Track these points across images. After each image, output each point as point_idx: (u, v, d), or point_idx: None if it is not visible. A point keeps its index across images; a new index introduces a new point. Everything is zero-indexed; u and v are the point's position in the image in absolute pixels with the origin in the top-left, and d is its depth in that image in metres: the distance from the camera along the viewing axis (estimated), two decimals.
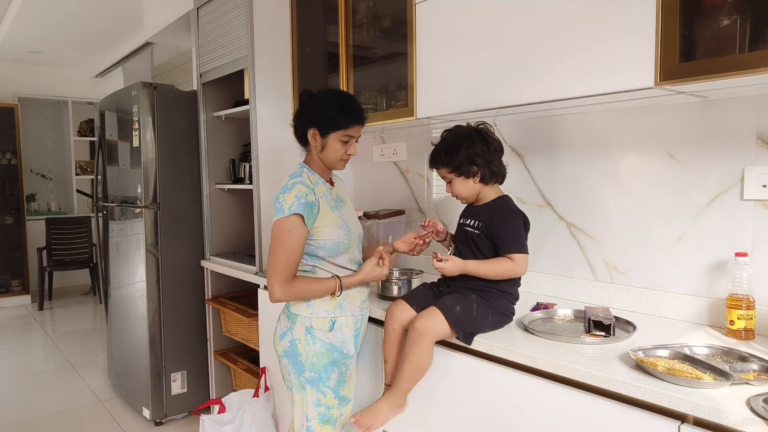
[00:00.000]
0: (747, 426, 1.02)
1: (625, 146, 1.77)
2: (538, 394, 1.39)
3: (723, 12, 1.30)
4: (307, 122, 1.70)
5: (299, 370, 1.69)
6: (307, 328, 1.68)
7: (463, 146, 1.62)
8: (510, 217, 1.62)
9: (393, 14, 2.27)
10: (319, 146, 1.70)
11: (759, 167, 1.48)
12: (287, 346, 1.71)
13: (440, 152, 1.66)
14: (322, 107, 1.68)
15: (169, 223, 3.06)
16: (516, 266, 1.57)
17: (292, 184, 1.65)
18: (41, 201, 6.83)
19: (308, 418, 1.70)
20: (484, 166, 1.63)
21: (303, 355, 1.68)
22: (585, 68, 1.50)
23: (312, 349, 1.68)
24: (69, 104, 6.79)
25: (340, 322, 1.71)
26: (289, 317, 1.72)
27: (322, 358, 1.68)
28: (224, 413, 2.40)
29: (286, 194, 1.63)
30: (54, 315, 5.65)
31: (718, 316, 1.57)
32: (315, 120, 1.68)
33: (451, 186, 1.68)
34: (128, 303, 3.27)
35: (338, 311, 1.71)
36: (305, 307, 1.69)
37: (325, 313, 1.69)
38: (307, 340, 1.68)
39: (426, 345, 1.54)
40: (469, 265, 1.59)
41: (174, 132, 3.06)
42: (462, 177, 1.64)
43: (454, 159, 1.62)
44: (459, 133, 1.66)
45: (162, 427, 3.10)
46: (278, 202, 1.63)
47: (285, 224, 1.61)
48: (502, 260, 1.58)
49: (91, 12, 4.67)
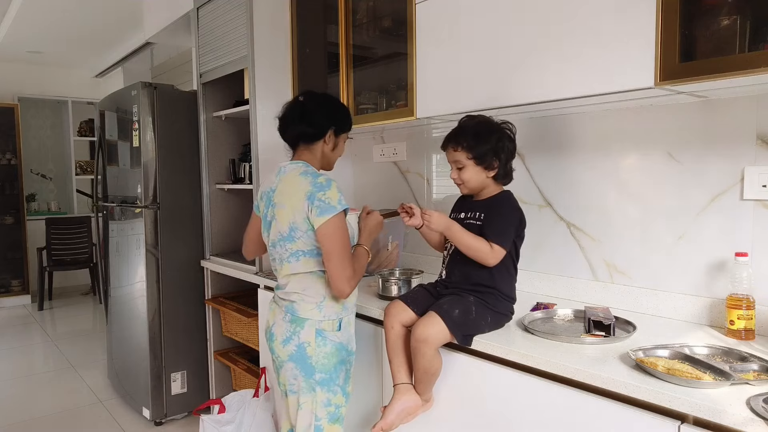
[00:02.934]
0: (747, 426, 1.02)
1: (625, 146, 1.77)
2: (539, 394, 1.39)
3: (723, 12, 1.30)
4: (330, 121, 1.76)
5: (309, 373, 1.69)
6: (318, 330, 1.68)
7: (494, 137, 1.61)
8: (510, 211, 1.63)
9: (393, 14, 2.27)
10: (331, 145, 1.78)
11: (759, 167, 1.48)
12: (293, 350, 1.69)
13: (467, 135, 1.62)
14: (340, 109, 1.83)
15: (169, 223, 3.05)
16: (491, 254, 1.57)
17: (327, 181, 1.66)
18: (41, 201, 6.83)
19: (317, 418, 1.70)
20: (504, 164, 1.63)
21: (313, 357, 1.68)
22: (585, 68, 1.50)
23: (323, 351, 1.68)
24: (69, 104, 6.79)
25: (345, 321, 1.74)
26: (295, 322, 1.70)
27: (333, 358, 1.70)
28: (224, 413, 2.40)
29: (327, 191, 1.63)
30: (54, 315, 5.65)
31: (718, 316, 1.57)
32: (337, 120, 1.78)
33: (461, 171, 1.64)
34: (128, 303, 3.27)
35: (344, 312, 1.74)
36: (317, 311, 1.69)
37: (336, 315, 1.71)
38: (318, 342, 1.68)
39: (428, 352, 1.53)
40: (454, 226, 1.59)
41: (174, 132, 3.06)
42: (480, 166, 1.62)
43: (481, 147, 1.60)
44: (492, 124, 1.64)
45: (162, 427, 3.10)
46: (322, 201, 1.62)
47: (340, 221, 1.63)
48: (484, 241, 1.58)
49: (91, 12, 4.67)
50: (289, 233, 1.68)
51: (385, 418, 1.60)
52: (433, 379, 1.60)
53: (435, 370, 1.58)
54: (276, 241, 1.74)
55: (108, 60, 6.18)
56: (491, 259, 1.58)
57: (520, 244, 1.68)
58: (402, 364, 1.64)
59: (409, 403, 1.61)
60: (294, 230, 1.67)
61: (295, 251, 1.69)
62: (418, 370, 1.58)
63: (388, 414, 1.60)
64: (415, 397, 1.62)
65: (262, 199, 1.81)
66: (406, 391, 1.62)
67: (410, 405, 1.62)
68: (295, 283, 1.72)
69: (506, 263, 1.63)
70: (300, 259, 1.69)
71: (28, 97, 6.63)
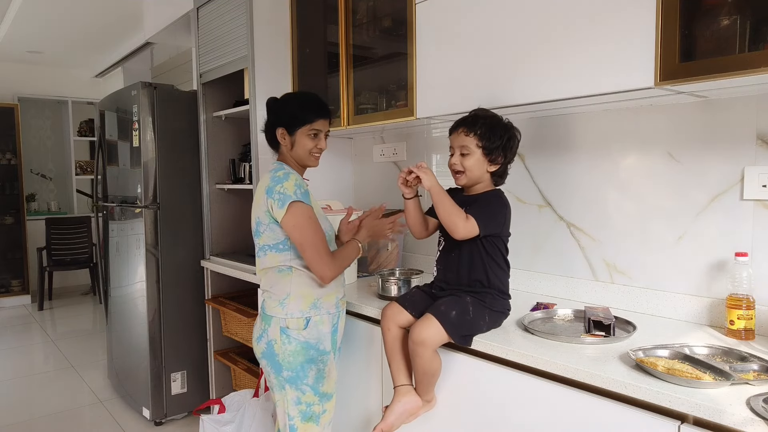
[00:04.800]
0: (747, 426, 1.02)
1: (625, 146, 1.77)
2: (538, 394, 1.39)
3: (723, 12, 1.30)
4: (273, 123, 1.78)
5: (277, 370, 1.72)
6: (282, 328, 1.71)
7: (507, 135, 1.61)
8: (498, 206, 1.62)
9: (393, 14, 2.27)
10: (288, 144, 1.77)
11: (759, 167, 1.48)
12: (264, 347, 1.73)
13: (483, 124, 1.60)
14: (285, 107, 1.78)
15: (169, 223, 3.06)
16: (463, 223, 1.54)
17: (285, 174, 1.69)
18: (41, 201, 6.83)
19: (290, 417, 1.73)
20: (506, 163, 1.64)
21: (279, 355, 1.70)
22: (585, 68, 1.50)
23: (288, 349, 1.70)
24: (69, 104, 6.79)
25: (315, 320, 1.73)
26: (264, 319, 1.75)
27: (298, 356, 1.70)
28: (224, 413, 2.40)
29: (284, 183, 1.66)
30: (54, 315, 5.66)
31: (718, 316, 1.57)
32: (281, 120, 1.77)
33: (464, 158, 1.61)
34: (128, 303, 3.27)
35: (313, 311, 1.73)
36: (280, 309, 1.71)
37: (300, 313, 1.72)
38: (282, 340, 1.70)
39: (426, 354, 1.53)
40: (440, 187, 1.57)
41: (174, 132, 3.06)
42: (486, 158, 1.61)
43: (494, 139, 1.59)
44: (505, 123, 1.63)
45: (162, 427, 3.10)
46: (279, 193, 1.65)
47: (301, 208, 1.65)
48: (462, 212, 1.56)
49: (91, 12, 4.67)
50: (256, 228, 1.74)
51: (386, 419, 1.61)
52: (433, 380, 1.60)
53: (434, 372, 1.58)
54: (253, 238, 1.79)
55: (108, 60, 6.18)
56: (462, 228, 1.54)
57: (507, 239, 1.66)
58: (401, 366, 1.65)
59: (409, 404, 1.62)
60: (258, 224, 1.73)
61: (262, 246, 1.74)
62: (418, 372, 1.58)
63: (389, 415, 1.61)
64: (415, 398, 1.62)
65: None
66: (407, 392, 1.63)
67: (411, 406, 1.62)
68: (265, 279, 1.78)
69: (497, 259, 1.62)
70: (267, 254, 1.73)
71: (28, 97, 6.64)
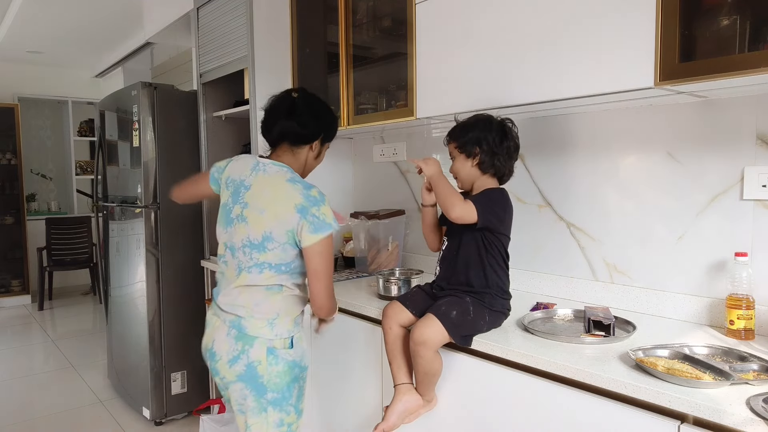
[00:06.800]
0: (747, 426, 1.02)
1: (625, 146, 1.77)
2: (538, 394, 1.39)
3: (723, 12, 1.30)
4: (321, 127, 1.68)
5: (260, 393, 1.58)
6: (269, 348, 1.58)
7: (478, 128, 1.63)
8: (497, 199, 1.61)
9: (393, 14, 2.27)
10: (316, 152, 1.71)
11: (759, 167, 1.48)
12: (242, 370, 1.57)
13: (457, 128, 1.68)
14: (331, 114, 1.73)
15: (169, 223, 3.06)
16: (460, 204, 1.55)
17: (320, 194, 1.57)
18: (41, 201, 6.83)
19: None
20: (486, 153, 1.62)
21: (265, 376, 1.57)
22: (585, 68, 1.50)
23: (275, 370, 1.58)
24: (69, 104, 6.80)
25: (296, 337, 1.65)
26: (242, 339, 1.58)
27: (286, 376, 1.60)
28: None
29: (321, 207, 1.55)
30: (54, 315, 5.66)
31: (718, 316, 1.57)
32: (327, 127, 1.70)
33: (452, 164, 1.69)
34: (128, 303, 3.27)
35: (296, 329, 1.66)
36: (268, 329, 1.58)
37: (288, 333, 1.62)
38: (269, 360, 1.57)
39: (427, 354, 1.53)
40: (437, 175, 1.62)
41: (174, 132, 3.06)
42: (463, 155, 1.65)
43: (464, 136, 1.63)
44: (480, 116, 1.67)
45: (162, 427, 3.10)
46: (315, 216, 1.53)
47: (330, 241, 1.56)
48: (461, 196, 1.58)
49: (91, 12, 4.67)
50: (261, 242, 1.55)
51: (387, 418, 1.60)
52: (434, 380, 1.60)
53: (435, 371, 1.58)
54: (239, 247, 1.59)
55: (108, 60, 6.18)
56: (459, 207, 1.55)
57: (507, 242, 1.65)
58: (402, 365, 1.65)
59: (410, 403, 1.62)
60: (268, 240, 1.54)
61: (260, 262, 1.56)
62: (419, 372, 1.58)
63: (390, 415, 1.61)
64: (416, 397, 1.62)
65: (227, 185, 1.68)
66: (407, 391, 1.63)
67: (411, 405, 1.62)
68: (247, 295, 1.59)
69: (497, 259, 1.62)
70: (263, 272, 1.57)
71: (28, 97, 6.64)
